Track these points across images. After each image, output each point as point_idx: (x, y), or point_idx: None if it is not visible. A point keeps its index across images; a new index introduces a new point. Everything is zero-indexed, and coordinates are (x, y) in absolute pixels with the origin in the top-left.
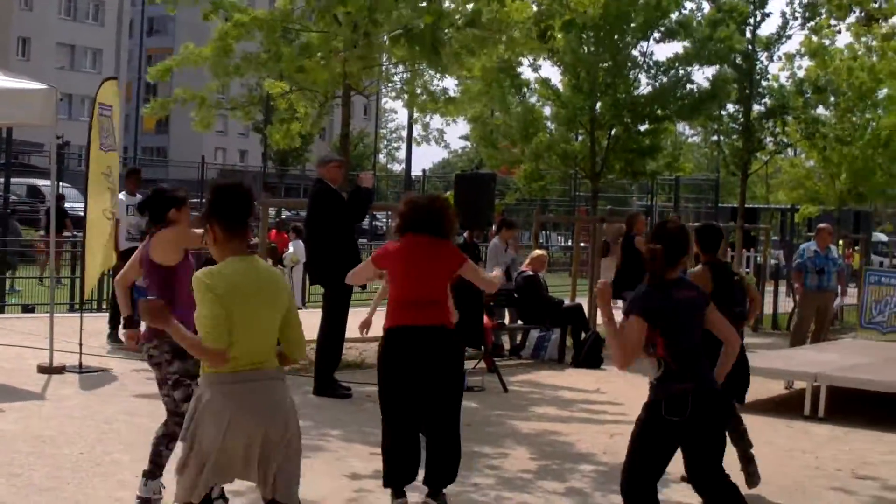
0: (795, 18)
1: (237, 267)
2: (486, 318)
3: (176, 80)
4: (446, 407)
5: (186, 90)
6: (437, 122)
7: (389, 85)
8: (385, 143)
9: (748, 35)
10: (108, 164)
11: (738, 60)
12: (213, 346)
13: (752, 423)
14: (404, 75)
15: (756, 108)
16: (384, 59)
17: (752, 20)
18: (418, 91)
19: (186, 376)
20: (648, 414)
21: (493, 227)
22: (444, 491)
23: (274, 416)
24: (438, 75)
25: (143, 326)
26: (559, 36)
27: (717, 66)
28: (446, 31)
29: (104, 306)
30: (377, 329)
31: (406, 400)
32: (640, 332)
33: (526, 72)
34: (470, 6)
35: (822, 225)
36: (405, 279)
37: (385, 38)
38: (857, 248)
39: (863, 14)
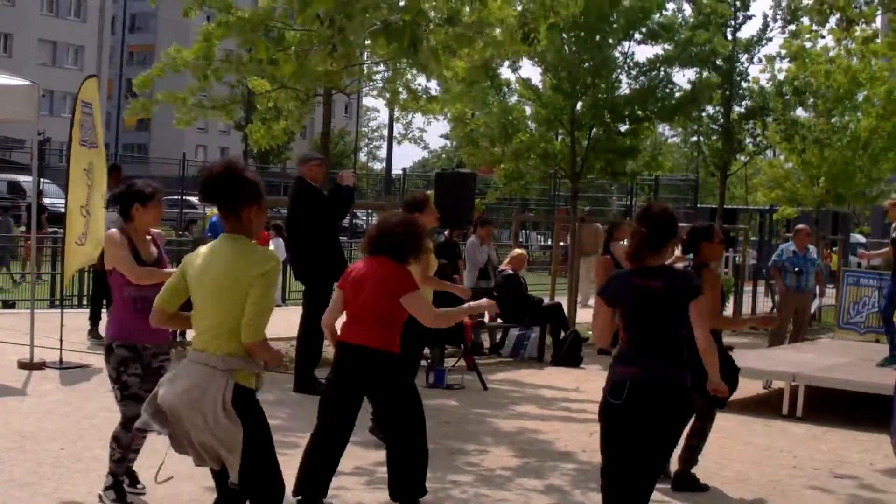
0: (776, 21)
1: (210, 246)
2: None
3: (157, 86)
4: (394, 425)
5: (167, 94)
6: (418, 120)
7: (370, 83)
8: (366, 141)
9: (729, 37)
10: (89, 160)
11: (719, 62)
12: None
13: (730, 422)
14: (385, 74)
15: (736, 109)
16: (365, 58)
17: (733, 22)
18: (400, 89)
19: (111, 380)
20: (602, 398)
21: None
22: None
23: (181, 396)
24: (420, 74)
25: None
26: (542, 38)
27: (699, 69)
28: (425, 28)
29: (84, 302)
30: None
31: (335, 413)
32: (603, 313)
33: (505, 71)
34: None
35: (799, 226)
36: (352, 297)
37: (364, 35)
38: (834, 248)
39: (843, 19)
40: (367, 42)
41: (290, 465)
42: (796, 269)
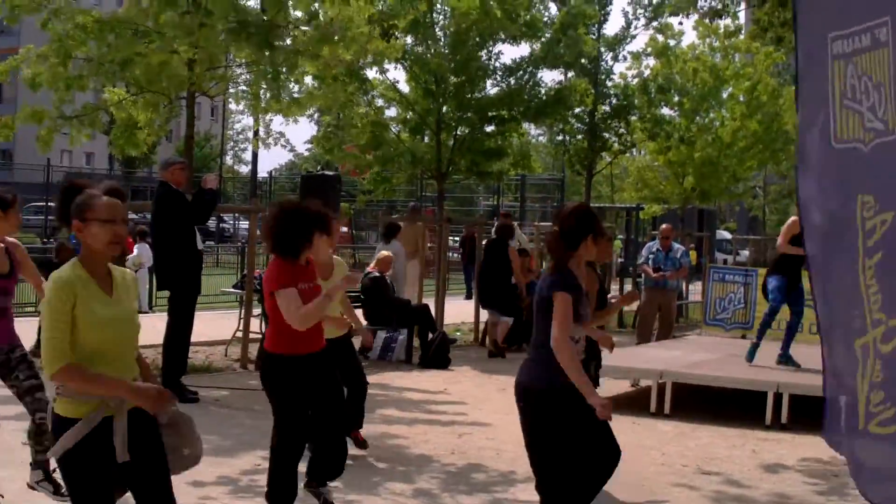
0: (638, 18)
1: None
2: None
3: (22, 90)
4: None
5: (28, 112)
6: (279, 124)
7: (234, 86)
8: (231, 144)
9: (593, 35)
10: None
11: (584, 61)
12: None
13: None
14: (248, 77)
15: (601, 108)
16: (227, 61)
17: (597, 20)
18: (262, 93)
19: None
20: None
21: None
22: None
23: None
24: (283, 76)
25: None
26: (404, 37)
27: (564, 70)
28: (284, 28)
29: None
30: (225, 332)
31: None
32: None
33: (371, 74)
34: (316, 5)
35: (662, 226)
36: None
37: (222, 32)
38: (692, 246)
39: (708, 7)
40: (226, 40)
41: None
42: (655, 267)
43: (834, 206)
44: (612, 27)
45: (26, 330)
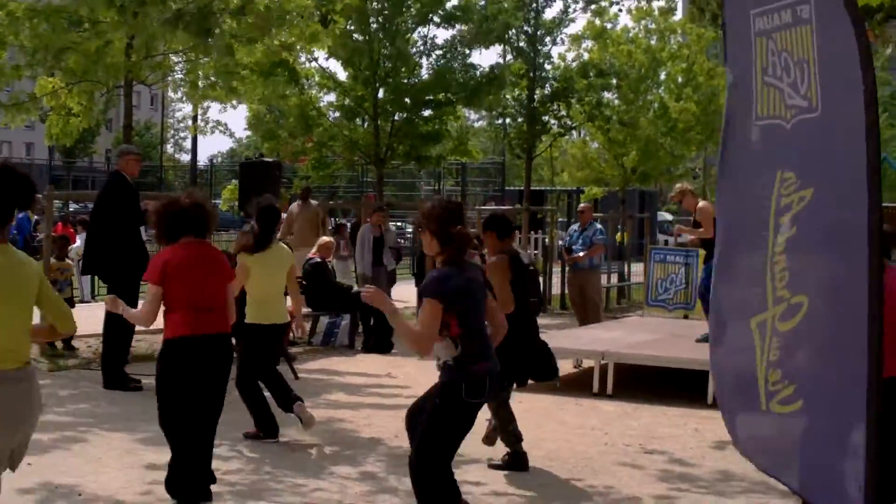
0: (577, 1)
1: None
2: None
3: None
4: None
5: None
6: (217, 111)
7: (171, 74)
8: (172, 132)
9: (532, 19)
10: None
11: (522, 44)
12: None
13: (541, 402)
14: (185, 65)
15: (540, 91)
16: (162, 49)
17: (535, 4)
18: (199, 81)
19: None
20: (447, 397)
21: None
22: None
23: (33, 413)
24: (230, 63)
25: None
26: (339, 21)
27: (499, 49)
28: (219, 16)
29: None
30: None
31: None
32: (436, 315)
33: (304, 63)
34: None
35: (581, 205)
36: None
37: (159, 20)
38: (619, 226)
39: None
40: (161, 29)
41: (102, 462)
42: (568, 247)
43: (750, 182)
44: (551, 12)
45: None
